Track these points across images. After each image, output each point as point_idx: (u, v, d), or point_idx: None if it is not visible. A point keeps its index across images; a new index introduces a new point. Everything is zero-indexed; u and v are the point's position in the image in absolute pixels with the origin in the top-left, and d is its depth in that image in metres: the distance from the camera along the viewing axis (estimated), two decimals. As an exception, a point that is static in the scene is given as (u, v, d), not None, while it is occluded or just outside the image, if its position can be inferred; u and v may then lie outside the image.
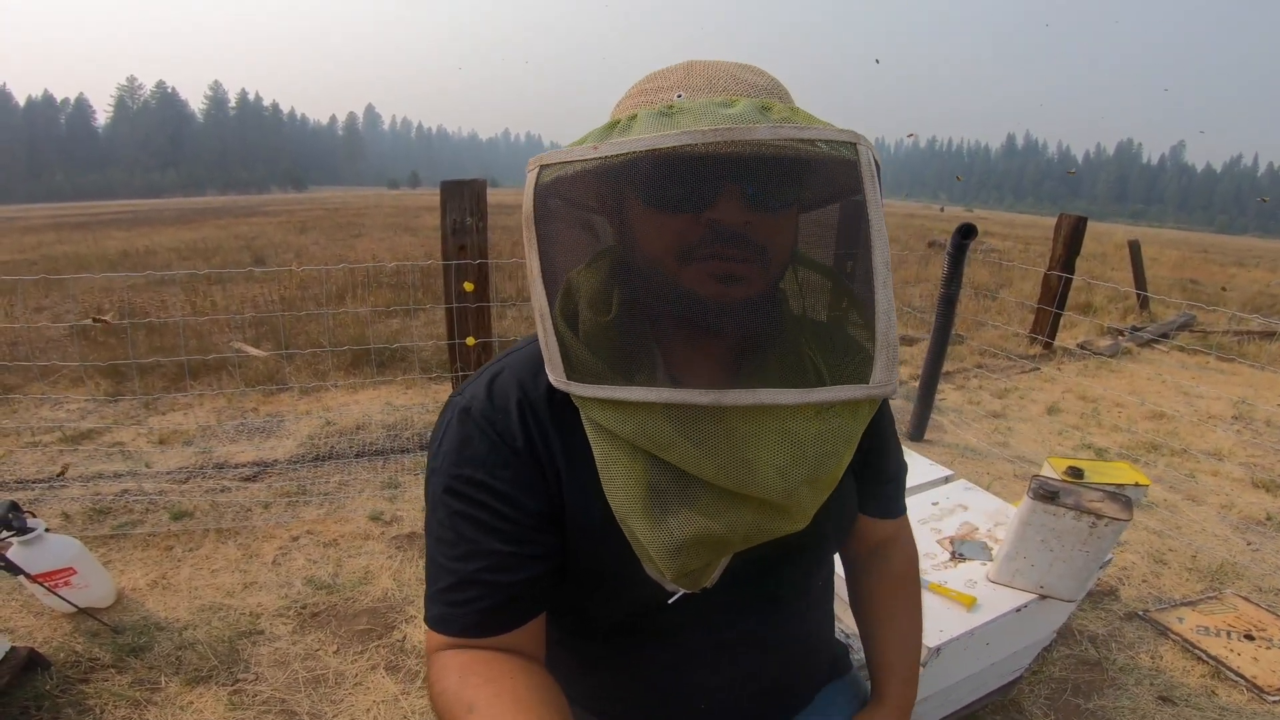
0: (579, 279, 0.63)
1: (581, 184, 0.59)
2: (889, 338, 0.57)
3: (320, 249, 11.52)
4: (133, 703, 1.72)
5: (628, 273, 0.61)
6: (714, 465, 0.57)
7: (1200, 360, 5.52)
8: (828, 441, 0.58)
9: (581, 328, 0.61)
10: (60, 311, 6.32)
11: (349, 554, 2.42)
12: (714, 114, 0.53)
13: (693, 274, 0.58)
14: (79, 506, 2.65)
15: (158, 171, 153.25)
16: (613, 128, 0.57)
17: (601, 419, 0.60)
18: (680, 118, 0.53)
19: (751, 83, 0.60)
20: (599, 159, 0.55)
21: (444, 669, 0.63)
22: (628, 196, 0.59)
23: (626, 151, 0.53)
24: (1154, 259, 13.12)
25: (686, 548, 0.60)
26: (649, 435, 0.58)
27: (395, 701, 1.77)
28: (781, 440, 0.57)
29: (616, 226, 0.62)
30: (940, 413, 4.00)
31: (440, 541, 0.65)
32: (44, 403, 3.85)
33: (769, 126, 0.51)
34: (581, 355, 0.60)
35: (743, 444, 0.57)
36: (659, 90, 0.61)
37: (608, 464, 0.61)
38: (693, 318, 0.59)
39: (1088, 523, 1.35)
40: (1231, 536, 2.75)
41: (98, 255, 10.70)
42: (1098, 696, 1.86)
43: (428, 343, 5.06)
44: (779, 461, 0.57)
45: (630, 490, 0.60)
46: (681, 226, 0.57)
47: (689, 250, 0.57)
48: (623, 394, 0.57)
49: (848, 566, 0.96)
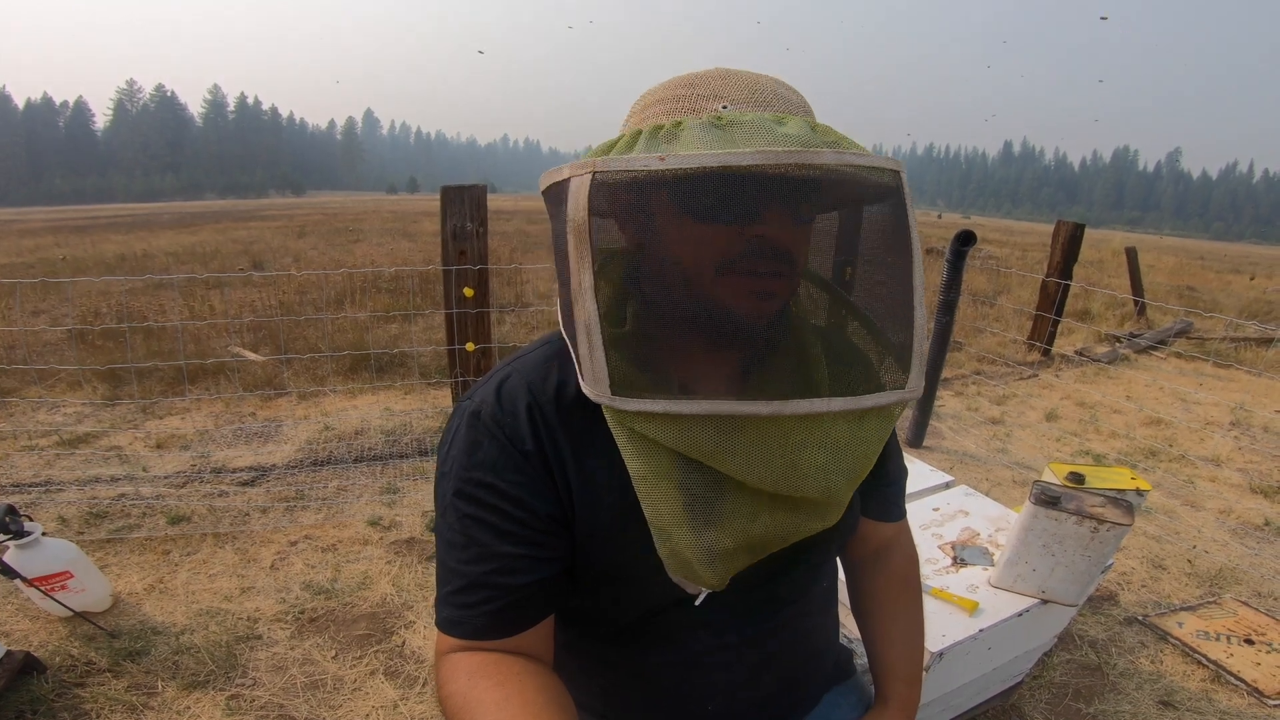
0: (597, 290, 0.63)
1: (635, 192, 0.57)
2: (921, 348, 0.60)
3: (319, 254, 11.51)
4: (129, 707, 1.71)
5: (660, 283, 0.59)
6: (765, 470, 0.57)
7: (1197, 367, 5.53)
8: (866, 443, 0.61)
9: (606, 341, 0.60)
10: (58, 315, 6.31)
11: (347, 559, 2.41)
12: (770, 131, 0.53)
13: (729, 286, 0.58)
14: (76, 510, 2.64)
15: (156, 175, 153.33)
16: (657, 133, 0.56)
17: (645, 430, 0.58)
18: (736, 132, 0.53)
19: (787, 99, 0.61)
20: (663, 171, 0.52)
21: (453, 671, 0.63)
22: (675, 207, 0.57)
23: (697, 166, 0.51)
24: (1151, 266, 13.17)
25: (732, 552, 0.61)
26: (698, 445, 0.57)
27: (394, 707, 1.77)
28: (824, 443, 0.58)
29: (653, 236, 0.59)
30: (939, 419, 4.00)
31: (450, 545, 0.66)
32: (41, 406, 3.84)
33: (833, 152, 0.52)
34: (626, 368, 0.58)
35: (790, 449, 0.57)
36: (699, 98, 0.60)
37: (646, 476, 0.60)
38: (726, 334, 0.60)
39: (1089, 528, 1.35)
40: (1230, 541, 2.75)
41: (96, 259, 10.68)
42: (1098, 701, 1.86)
43: (426, 348, 5.06)
44: (820, 463, 0.58)
45: (670, 501, 0.60)
46: (726, 239, 0.57)
47: (730, 263, 0.58)
48: (679, 407, 0.56)
49: (848, 570, 0.96)
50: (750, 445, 0.57)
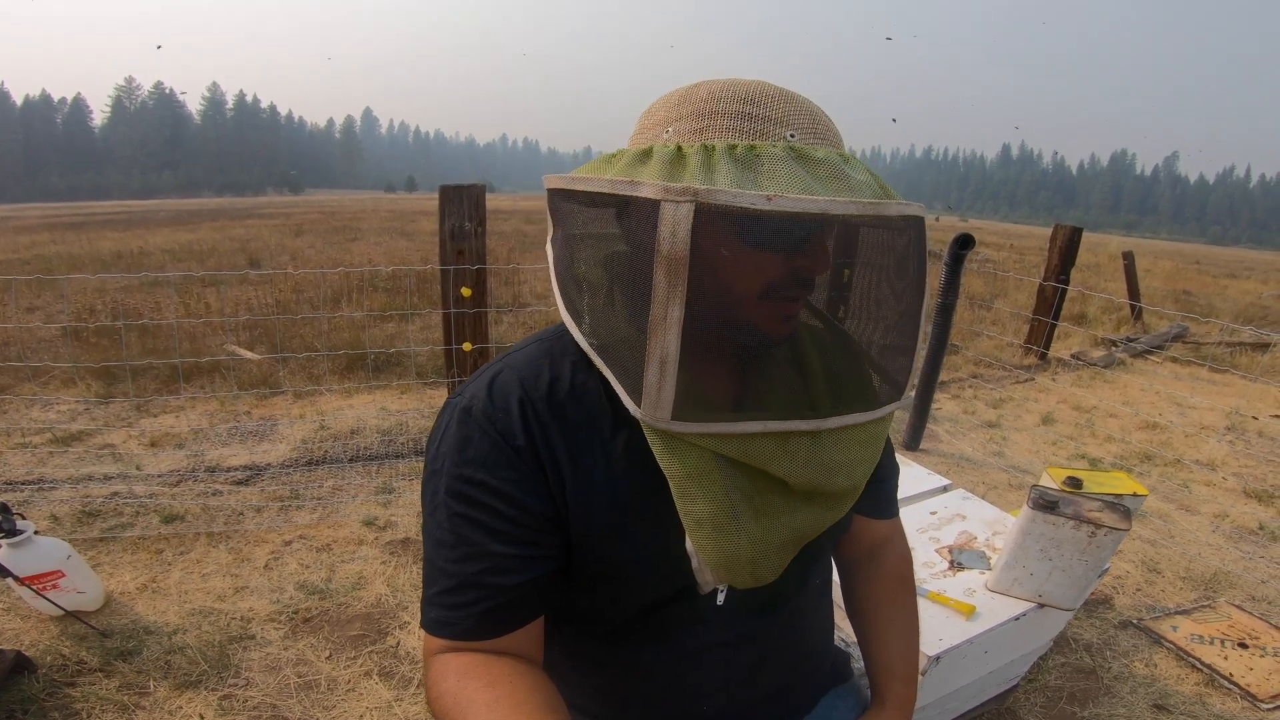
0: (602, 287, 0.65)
1: (728, 225, 0.55)
2: (918, 363, 0.72)
3: (316, 252, 11.50)
4: (120, 707, 1.69)
5: (707, 305, 0.57)
6: (806, 471, 0.63)
7: (1193, 371, 5.55)
8: (874, 443, 0.69)
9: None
10: (53, 312, 6.29)
11: (342, 559, 2.40)
12: (844, 177, 0.56)
13: (765, 311, 0.62)
14: (68, 509, 2.62)
15: (154, 173, 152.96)
16: (731, 153, 0.55)
17: (707, 444, 0.61)
18: (813, 169, 0.55)
19: (833, 130, 0.63)
20: (770, 211, 0.51)
21: (442, 672, 0.62)
22: (732, 233, 0.57)
23: (800, 210, 0.51)
24: (1147, 270, 13.21)
25: (779, 547, 0.65)
26: (752, 455, 0.61)
27: (388, 708, 1.76)
28: (853, 444, 0.66)
29: (711, 260, 0.56)
30: (936, 422, 4.00)
31: (439, 544, 0.65)
32: (34, 403, 3.82)
33: (898, 205, 0.58)
34: (689, 393, 0.58)
35: (826, 450, 0.64)
36: (765, 120, 0.58)
37: (690, 478, 0.61)
38: (758, 352, 0.65)
39: (1087, 532, 1.35)
40: (1224, 545, 2.75)
41: (91, 256, 10.65)
42: (1093, 704, 1.86)
43: (423, 348, 5.05)
44: (849, 461, 0.65)
45: (714, 499, 0.62)
46: (774, 266, 0.60)
47: (772, 289, 0.61)
48: (736, 428, 0.60)
49: (843, 570, 0.96)
50: (795, 451, 0.62)
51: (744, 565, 0.64)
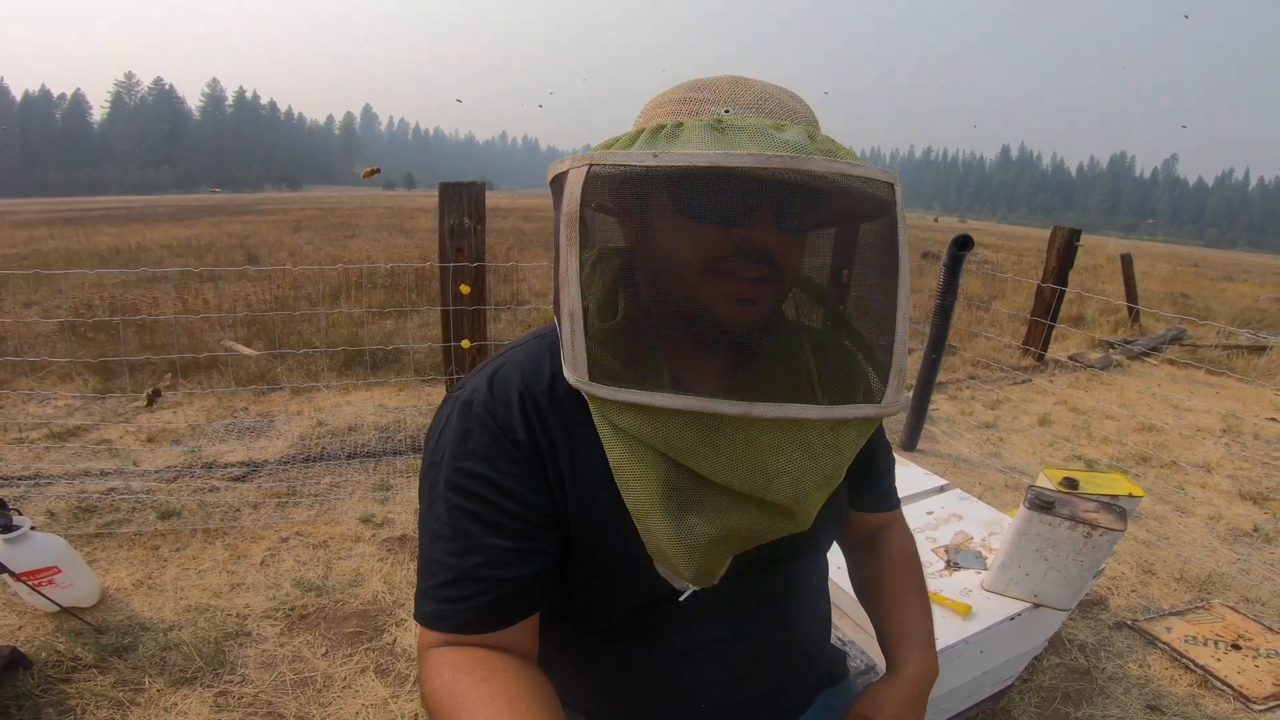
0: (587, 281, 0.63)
1: (628, 187, 0.58)
2: (901, 364, 0.60)
3: (314, 248, 11.48)
4: (115, 703, 1.69)
5: (647, 278, 0.61)
6: (732, 472, 0.59)
7: (1190, 374, 5.55)
8: (840, 453, 0.62)
9: (589, 329, 0.61)
10: (50, 307, 6.27)
11: (339, 556, 2.40)
12: (769, 137, 0.54)
13: (712, 288, 0.59)
14: (64, 504, 2.62)
15: (152, 168, 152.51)
16: (658, 132, 0.57)
17: (621, 422, 0.60)
18: (734, 135, 0.54)
19: (793, 108, 0.62)
20: (660, 168, 0.54)
21: (437, 666, 0.62)
22: (666, 204, 0.59)
23: (688, 164, 0.53)
24: (1145, 272, 13.23)
25: (707, 546, 0.62)
26: (670, 441, 0.59)
27: (384, 705, 1.76)
28: (797, 450, 0.59)
29: (644, 231, 0.62)
30: (933, 423, 4.01)
31: (437, 537, 0.65)
32: (31, 399, 3.81)
33: (825, 160, 0.53)
34: (606, 357, 0.60)
35: (762, 453, 0.58)
36: (705, 101, 0.61)
37: (624, 465, 0.61)
38: (706, 335, 0.61)
39: (1082, 533, 1.35)
40: (1219, 547, 2.76)
41: (89, 251, 10.62)
42: (1087, 705, 1.86)
43: (422, 345, 5.04)
44: (793, 470, 0.59)
45: (649, 490, 0.61)
46: (712, 239, 0.58)
47: (713, 262, 0.59)
48: (652, 399, 0.57)
49: (848, 555, 0.96)
50: (724, 446, 0.58)
51: (676, 559, 0.63)
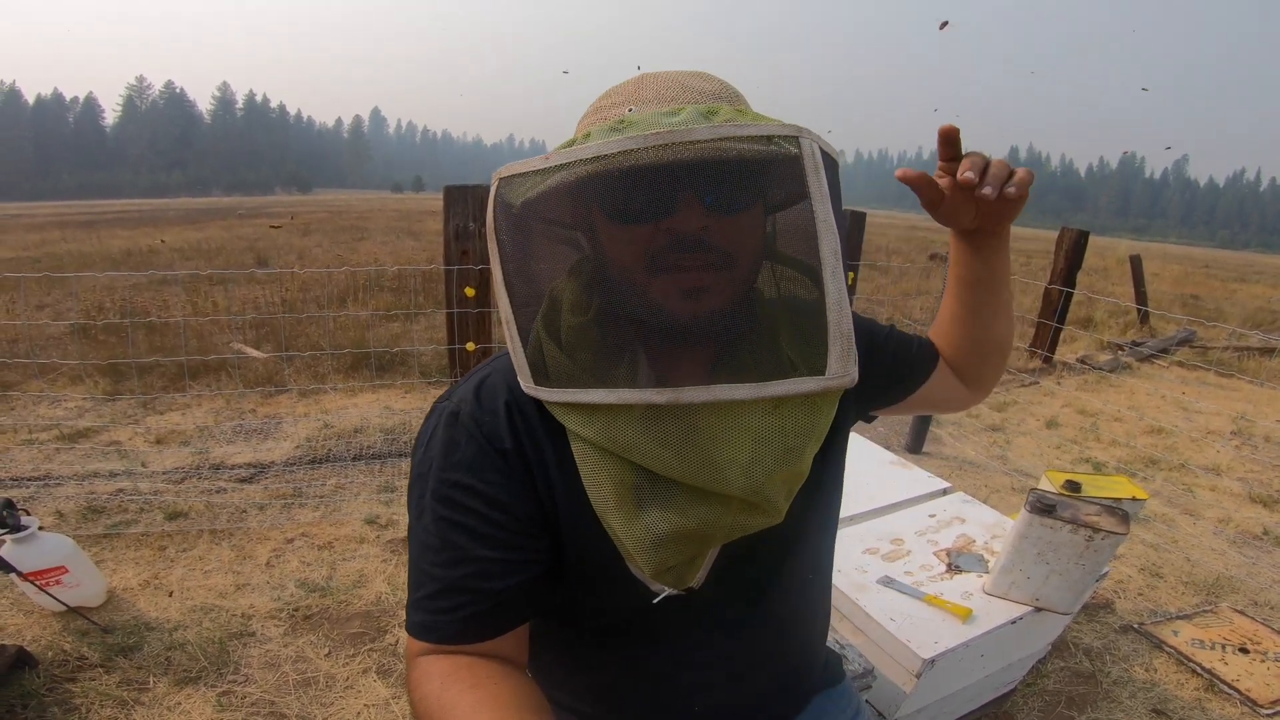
0: (561, 288, 0.64)
1: (547, 197, 0.58)
2: (841, 327, 0.55)
3: (323, 251, 11.54)
4: (119, 702, 1.71)
5: (600, 283, 0.62)
6: (680, 465, 0.57)
7: (1200, 376, 5.51)
8: (788, 436, 0.58)
9: (563, 335, 0.62)
10: (62, 309, 6.33)
11: (343, 557, 2.41)
12: (657, 123, 0.53)
13: (661, 286, 0.59)
14: (74, 505, 2.64)
15: (164, 171, 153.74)
16: (568, 145, 0.57)
17: (570, 424, 0.60)
18: (628, 130, 0.54)
19: (700, 89, 0.62)
20: (549, 168, 0.55)
21: (425, 675, 0.62)
22: (592, 209, 0.60)
23: (571, 160, 0.54)
24: (1155, 274, 13.15)
25: (664, 543, 0.60)
26: (613, 438, 0.58)
27: (386, 705, 1.76)
28: (744, 436, 0.56)
29: (587, 238, 0.63)
30: (939, 425, 3.99)
31: (426, 548, 0.65)
32: (42, 400, 3.85)
33: (707, 128, 0.51)
34: (547, 361, 0.61)
35: (707, 443, 0.56)
36: (612, 106, 0.63)
37: (586, 463, 0.61)
38: (662, 332, 0.60)
39: (1084, 536, 1.34)
40: (1228, 550, 2.74)
41: (101, 254, 10.72)
42: (1091, 709, 1.85)
43: (427, 347, 5.06)
44: (742, 458, 0.56)
45: (609, 488, 0.61)
46: (643, 236, 0.58)
47: (654, 259, 0.58)
48: (581, 396, 0.58)
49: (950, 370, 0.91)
50: (670, 440, 0.56)
51: (636, 556, 0.62)
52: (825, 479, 0.76)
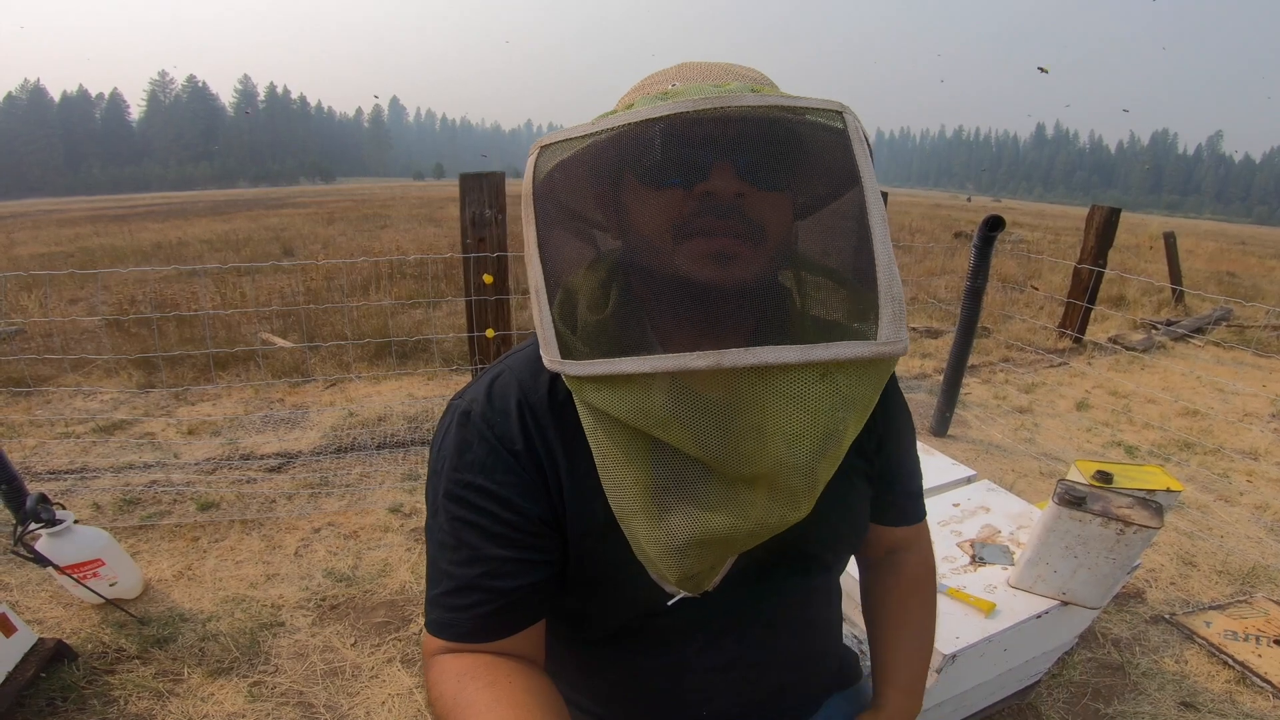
0: (581, 277, 0.61)
1: (581, 163, 0.58)
2: (893, 291, 0.52)
3: (347, 240, 11.66)
4: (155, 694, 1.75)
5: (627, 254, 0.61)
6: (721, 438, 0.53)
7: (1237, 356, 5.36)
8: (837, 407, 0.53)
9: (580, 319, 0.59)
10: (95, 304, 6.47)
11: (368, 546, 2.45)
12: (707, 92, 0.54)
13: (688, 252, 0.56)
14: (110, 497, 2.71)
15: (190, 164, 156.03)
16: (609, 115, 0.57)
17: (596, 400, 0.56)
18: (675, 98, 0.54)
19: (742, 74, 0.63)
20: (595, 134, 0.55)
21: (443, 672, 0.63)
22: (623, 175, 0.58)
23: (621, 124, 0.54)
24: (1190, 251, 12.77)
25: (690, 549, 0.59)
26: (647, 411, 0.54)
27: (410, 695, 1.79)
28: (788, 405, 0.52)
29: (614, 207, 0.61)
30: (965, 408, 3.93)
31: (441, 546, 0.66)
32: (77, 393, 3.95)
33: (756, 95, 0.53)
34: (577, 332, 0.58)
35: (749, 412, 0.53)
36: (655, 84, 0.64)
37: (607, 461, 0.60)
38: (690, 300, 0.57)
39: (1115, 530, 1.31)
40: (1265, 538, 2.67)
41: (132, 248, 10.92)
42: (1118, 701, 1.82)
43: (449, 334, 5.09)
44: (787, 429, 0.52)
45: (630, 489, 0.60)
46: (675, 201, 0.56)
47: (684, 225, 0.56)
48: (617, 366, 0.53)
49: (860, 568, 0.95)
50: (707, 408, 0.53)
51: (659, 563, 0.61)
52: (855, 494, 0.77)
